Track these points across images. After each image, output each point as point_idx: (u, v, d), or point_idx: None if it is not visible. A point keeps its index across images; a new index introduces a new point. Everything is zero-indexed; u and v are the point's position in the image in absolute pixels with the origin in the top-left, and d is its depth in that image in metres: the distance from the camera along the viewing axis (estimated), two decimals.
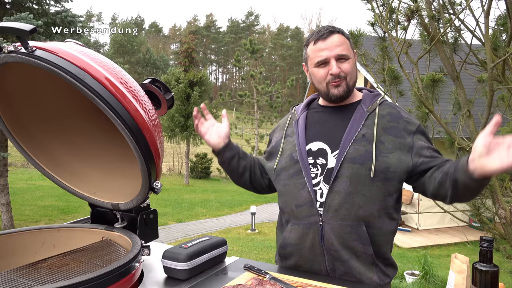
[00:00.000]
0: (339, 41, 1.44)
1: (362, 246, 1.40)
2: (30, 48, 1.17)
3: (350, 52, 1.46)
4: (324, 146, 1.47)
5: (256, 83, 17.96)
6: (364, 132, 1.42)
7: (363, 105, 1.49)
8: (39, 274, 1.22)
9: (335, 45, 1.43)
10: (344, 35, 1.47)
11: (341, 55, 1.43)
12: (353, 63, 1.47)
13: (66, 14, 7.97)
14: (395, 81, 3.43)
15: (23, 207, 10.20)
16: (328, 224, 1.41)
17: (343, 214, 1.39)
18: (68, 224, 1.58)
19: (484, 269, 1.10)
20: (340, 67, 1.43)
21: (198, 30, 60.45)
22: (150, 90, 1.52)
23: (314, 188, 1.45)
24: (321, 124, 1.53)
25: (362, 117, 1.45)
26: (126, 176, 1.55)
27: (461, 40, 3.29)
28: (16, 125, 1.49)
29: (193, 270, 1.37)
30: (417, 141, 1.43)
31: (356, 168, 1.39)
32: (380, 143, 1.40)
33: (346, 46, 1.45)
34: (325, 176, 1.44)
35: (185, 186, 16.42)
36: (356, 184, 1.39)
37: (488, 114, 2.90)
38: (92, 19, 61.69)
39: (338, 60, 1.44)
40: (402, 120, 1.45)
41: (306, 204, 1.45)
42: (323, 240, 1.41)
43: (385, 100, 1.53)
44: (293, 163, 1.51)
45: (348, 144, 1.41)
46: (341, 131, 1.46)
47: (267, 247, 7.45)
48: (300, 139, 1.51)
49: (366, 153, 1.39)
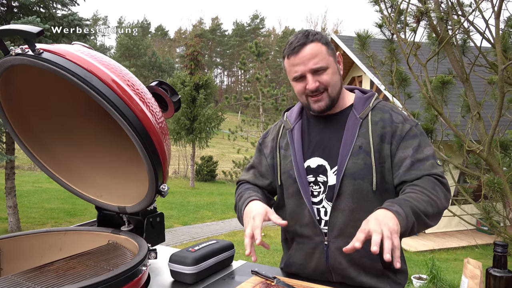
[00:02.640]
0: (312, 52, 1.33)
1: (371, 262, 1.35)
2: (37, 50, 1.17)
3: (328, 60, 1.35)
4: (323, 162, 1.40)
5: (262, 86, 17.95)
6: (360, 143, 1.35)
7: (355, 111, 1.40)
8: (45, 277, 1.21)
9: (307, 58, 1.33)
10: (320, 42, 1.35)
11: (316, 68, 1.33)
12: (332, 71, 1.36)
13: (72, 17, 8.02)
14: (403, 83, 3.40)
15: (30, 210, 10.25)
16: (334, 243, 1.36)
17: (349, 232, 1.33)
18: (74, 227, 1.58)
19: (499, 274, 1.08)
20: (318, 80, 1.34)
21: (204, 33, 60.66)
22: (157, 92, 1.51)
23: (317, 207, 1.40)
24: (317, 136, 1.44)
25: (356, 126, 1.37)
26: (133, 179, 1.54)
27: (470, 42, 3.26)
28: (23, 127, 1.49)
29: (200, 274, 1.36)
30: (400, 151, 1.34)
31: (357, 184, 1.33)
32: (377, 153, 1.34)
33: (322, 56, 1.34)
34: (327, 194, 1.39)
35: (190, 188, 16.42)
36: (359, 200, 1.33)
37: (498, 116, 2.86)
38: (98, 22, 62.15)
39: (314, 73, 1.34)
40: (393, 125, 1.36)
41: (309, 225, 1.40)
42: (328, 259, 1.37)
43: (378, 101, 1.44)
44: (291, 182, 1.43)
45: (346, 159, 1.34)
46: (337, 144, 1.38)
47: (273, 251, 7.42)
48: (297, 156, 1.42)
49: (365, 166, 1.33)
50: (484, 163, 3.19)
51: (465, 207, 4.05)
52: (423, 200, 1.21)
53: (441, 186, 1.29)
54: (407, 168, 1.32)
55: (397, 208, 1.15)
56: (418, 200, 1.20)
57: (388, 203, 1.19)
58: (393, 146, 1.34)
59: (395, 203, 1.18)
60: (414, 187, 1.27)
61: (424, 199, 1.21)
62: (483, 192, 3.05)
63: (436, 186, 1.28)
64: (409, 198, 1.21)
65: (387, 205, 1.17)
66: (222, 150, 28.59)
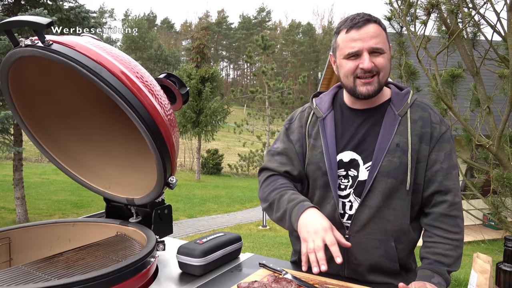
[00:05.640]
0: (375, 32, 1.27)
1: (389, 262, 1.34)
2: (47, 42, 1.16)
3: (386, 45, 1.30)
4: (356, 156, 1.36)
5: (268, 79, 17.91)
6: (398, 141, 1.31)
7: (393, 107, 1.36)
8: (55, 268, 1.22)
9: (370, 36, 1.26)
10: (381, 26, 1.31)
11: (375, 48, 1.27)
12: (388, 57, 1.31)
13: (79, 9, 8.03)
14: (412, 76, 3.37)
15: (37, 201, 10.35)
16: (354, 238, 1.34)
17: (371, 228, 1.32)
18: (83, 219, 1.59)
19: (509, 269, 1.07)
20: (373, 61, 1.27)
21: (210, 26, 60.46)
22: (165, 84, 1.51)
23: (343, 200, 1.37)
24: (351, 129, 1.38)
25: (394, 123, 1.33)
26: (141, 171, 1.54)
27: (481, 36, 3.22)
28: (32, 119, 1.49)
29: (208, 266, 1.36)
30: (434, 154, 1.33)
31: (390, 182, 1.30)
32: (415, 153, 1.30)
33: (382, 38, 1.29)
34: (355, 188, 1.35)
35: (196, 181, 16.49)
36: (389, 199, 1.31)
37: (509, 110, 2.83)
38: (104, 15, 62.16)
39: (371, 54, 1.27)
40: (432, 126, 1.33)
41: (331, 218, 1.33)
42: (347, 253, 1.35)
43: (415, 98, 1.39)
44: (320, 174, 1.38)
45: (382, 156, 1.30)
46: (373, 140, 1.34)
47: (278, 244, 7.44)
48: (330, 148, 1.36)
49: (401, 165, 1.29)
50: (493, 157, 3.17)
51: (473, 202, 4.03)
52: (452, 256, 1.30)
53: (460, 216, 1.34)
54: (443, 179, 1.32)
55: (438, 279, 1.25)
56: (448, 256, 1.30)
57: (429, 272, 1.27)
58: (429, 148, 1.33)
59: (435, 273, 1.26)
60: (441, 238, 1.31)
61: (454, 254, 1.31)
62: (492, 186, 3.03)
63: (458, 222, 1.32)
64: (443, 260, 1.29)
65: (429, 275, 1.26)
66: (228, 144, 28.63)
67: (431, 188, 1.33)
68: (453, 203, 1.31)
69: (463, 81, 3.26)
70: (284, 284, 1.19)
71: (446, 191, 1.31)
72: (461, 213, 1.34)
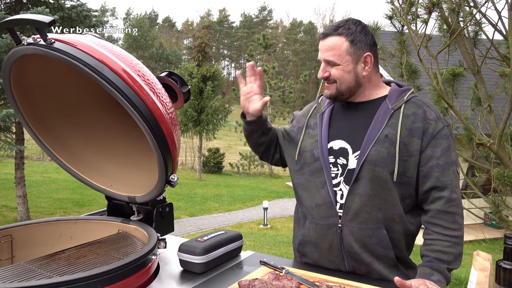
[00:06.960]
0: (331, 45, 1.38)
1: (383, 249, 1.36)
2: (49, 40, 1.17)
3: (342, 58, 1.38)
4: (345, 145, 1.42)
5: (269, 78, 17.91)
6: (387, 132, 1.35)
7: (388, 102, 1.41)
8: (57, 265, 1.22)
9: (325, 48, 1.40)
10: (346, 37, 1.37)
11: (327, 60, 1.40)
12: (344, 69, 1.39)
13: (81, 8, 8.03)
14: (413, 75, 3.37)
15: (39, 200, 10.37)
16: (347, 227, 1.37)
17: (363, 217, 1.35)
18: (84, 216, 1.59)
19: (509, 267, 1.07)
20: (328, 71, 1.41)
21: (211, 25, 60.45)
22: (167, 83, 1.51)
23: (335, 189, 1.41)
24: (345, 121, 1.46)
25: (386, 115, 1.38)
26: (143, 169, 1.55)
27: (482, 34, 3.22)
28: (34, 117, 1.50)
29: (209, 263, 1.37)
30: (429, 149, 1.34)
31: (377, 171, 1.34)
32: (403, 145, 1.33)
33: (337, 52, 1.37)
34: (345, 177, 1.40)
35: (197, 180, 16.50)
36: (377, 187, 1.34)
37: (509, 109, 2.83)
38: (106, 14, 62.16)
39: (327, 64, 1.41)
40: (426, 121, 1.36)
41: (325, 205, 1.41)
42: (342, 242, 1.39)
43: (414, 96, 1.43)
44: (313, 160, 1.46)
45: (370, 145, 1.35)
46: (364, 130, 1.40)
47: (279, 242, 7.45)
48: (323, 136, 1.46)
49: (388, 155, 1.33)
50: (494, 156, 3.17)
51: (474, 201, 4.03)
52: (452, 253, 1.30)
53: (459, 213, 1.34)
54: (439, 174, 1.33)
55: (438, 277, 1.26)
56: (447, 253, 1.29)
57: (428, 270, 1.28)
58: (423, 143, 1.34)
59: (434, 271, 1.27)
60: (440, 235, 1.31)
61: (453, 251, 1.30)
62: (493, 185, 3.03)
63: (456, 219, 1.33)
64: (442, 257, 1.29)
65: (428, 273, 1.27)
66: (229, 142, 28.64)
67: (428, 184, 1.34)
68: (450, 199, 1.32)
69: (464, 80, 3.26)
70: (285, 282, 1.20)
71: (443, 187, 1.32)
72: (460, 210, 1.34)
